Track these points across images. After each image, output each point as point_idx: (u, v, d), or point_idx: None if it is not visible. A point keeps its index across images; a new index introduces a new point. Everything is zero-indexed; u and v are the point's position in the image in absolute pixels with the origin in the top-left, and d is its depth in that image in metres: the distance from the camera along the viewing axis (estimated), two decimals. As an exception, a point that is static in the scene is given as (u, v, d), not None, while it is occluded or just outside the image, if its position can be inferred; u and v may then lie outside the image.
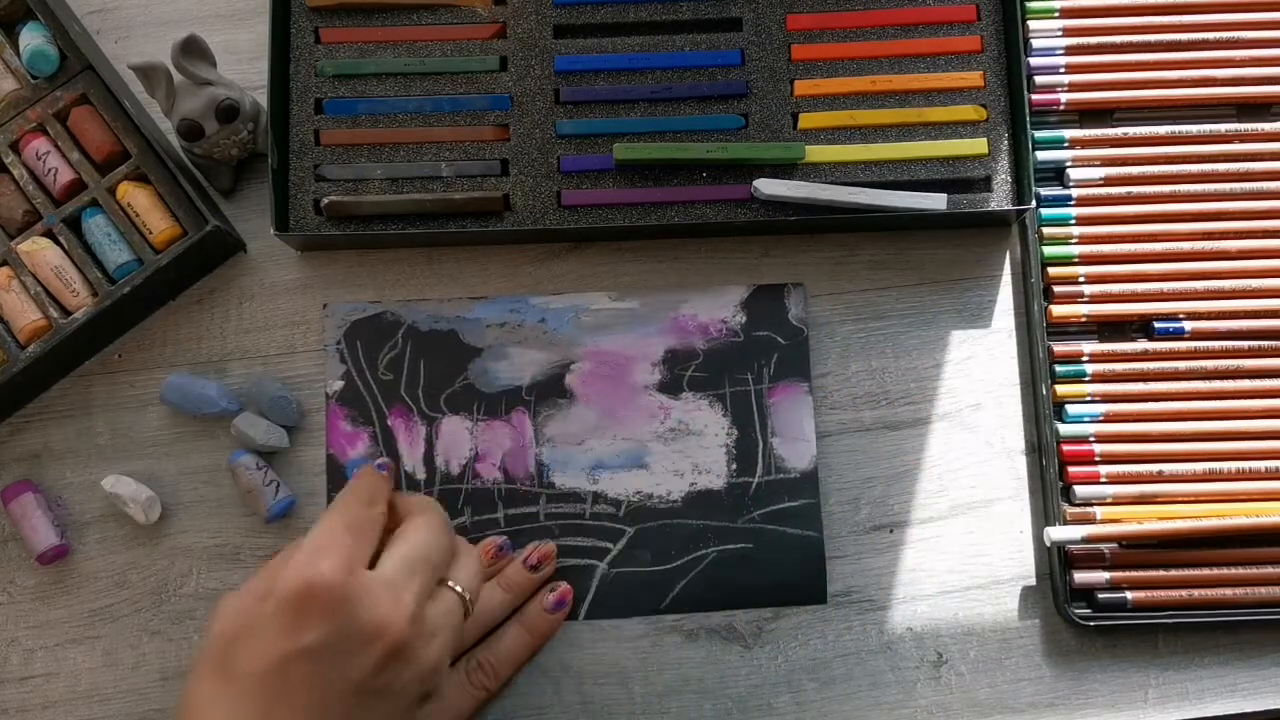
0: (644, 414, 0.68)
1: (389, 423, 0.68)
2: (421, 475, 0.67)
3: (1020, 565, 0.66)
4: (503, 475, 0.67)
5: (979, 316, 0.69)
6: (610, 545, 0.67)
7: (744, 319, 0.69)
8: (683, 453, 0.68)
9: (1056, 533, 0.64)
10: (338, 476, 0.67)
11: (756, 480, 0.67)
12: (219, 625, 0.51)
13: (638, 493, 0.67)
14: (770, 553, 0.66)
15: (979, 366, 0.69)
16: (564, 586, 0.65)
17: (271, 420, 0.67)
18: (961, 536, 0.67)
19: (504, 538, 0.65)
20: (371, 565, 0.52)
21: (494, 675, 0.62)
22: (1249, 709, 0.64)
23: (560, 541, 0.66)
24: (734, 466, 0.67)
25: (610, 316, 0.69)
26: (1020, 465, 0.68)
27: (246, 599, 0.51)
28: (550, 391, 0.68)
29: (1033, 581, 0.66)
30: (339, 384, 0.68)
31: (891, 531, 0.67)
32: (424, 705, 0.53)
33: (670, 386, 0.68)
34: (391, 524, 0.56)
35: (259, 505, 0.65)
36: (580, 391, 0.68)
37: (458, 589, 0.55)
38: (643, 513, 0.67)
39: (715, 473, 0.67)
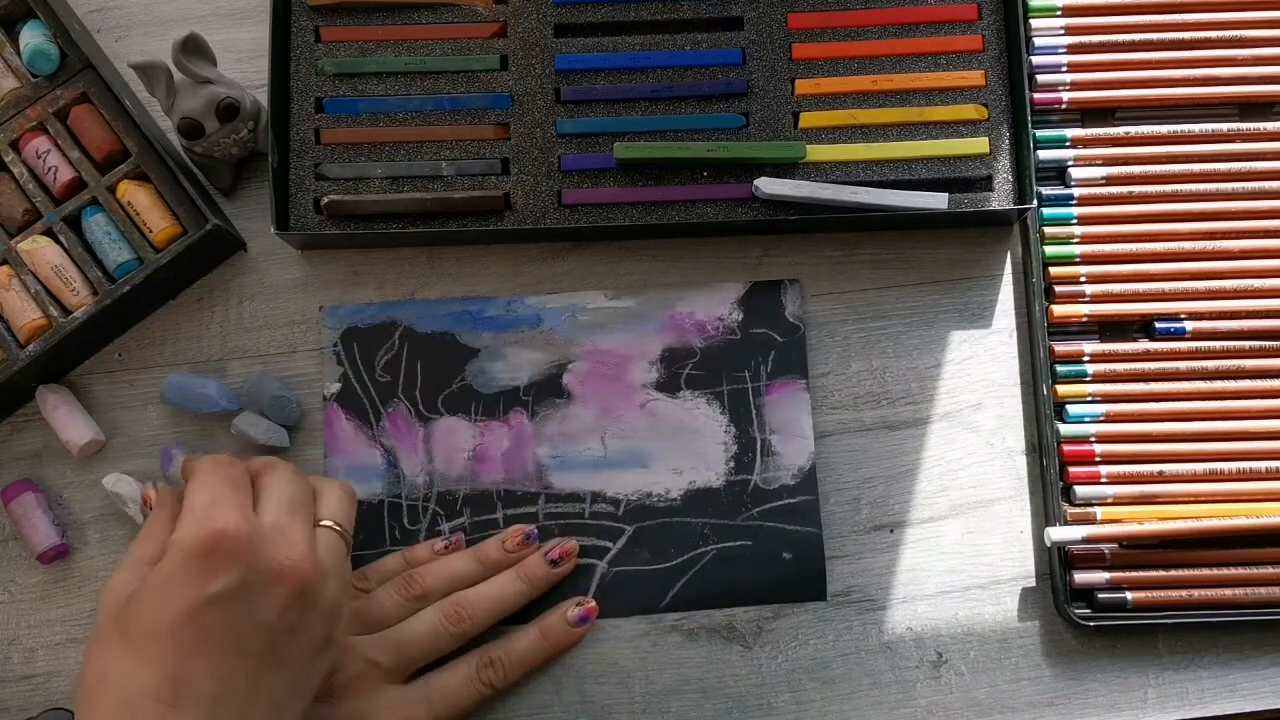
0: (642, 413, 0.68)
1: (387, 425, 0.68)
2: (420, 478, 0.67)
3: (1020, 565, 0.66)
4: (501, 476, 0.67)
5: (980, 316, 0.69)
6: (610, 544, 0.67)
7: (741, 316, 0.69)
8: (681, 451, 0.68)
9: (1057, 533, 0.64)
10: (334, 477, 0.67)
11: (755, 478, 0.67)
12: (109, 597, 0.51)
13: (636, 492, 0.67)
14: (770, 550, 0.66)
15: (979, 366, 0.69)
16: (591, 604, 0.65)
17: (271, 420, 0.67)
18: (961, 536, 0.67)
19: (533, 528, 0.66)
20: None
21: (503, 675, 0.62)
22: (1249, 709, 0.64)
23: None
24: (732, 464, 0.67)
25: (607, 315, 0.69)
26: (1020, 465, 0.68)
27: (132, 568, 0.51)
28: (548, 391, 0.68)
29: (1033, 581, 0.66)
30: (336, 386, 0.68)
31: (891, 531, 0.67)
32: (328, 650, 0.54)
33: (668, 385, 0.68)
34: None
35: None
36: (578, 391, 0.68)
37: (334, 526, 0.56)
38: (642, 511, 0.67)
39: (714, 471, 0.67)
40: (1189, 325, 0.67)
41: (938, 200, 0.67)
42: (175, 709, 0.48)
